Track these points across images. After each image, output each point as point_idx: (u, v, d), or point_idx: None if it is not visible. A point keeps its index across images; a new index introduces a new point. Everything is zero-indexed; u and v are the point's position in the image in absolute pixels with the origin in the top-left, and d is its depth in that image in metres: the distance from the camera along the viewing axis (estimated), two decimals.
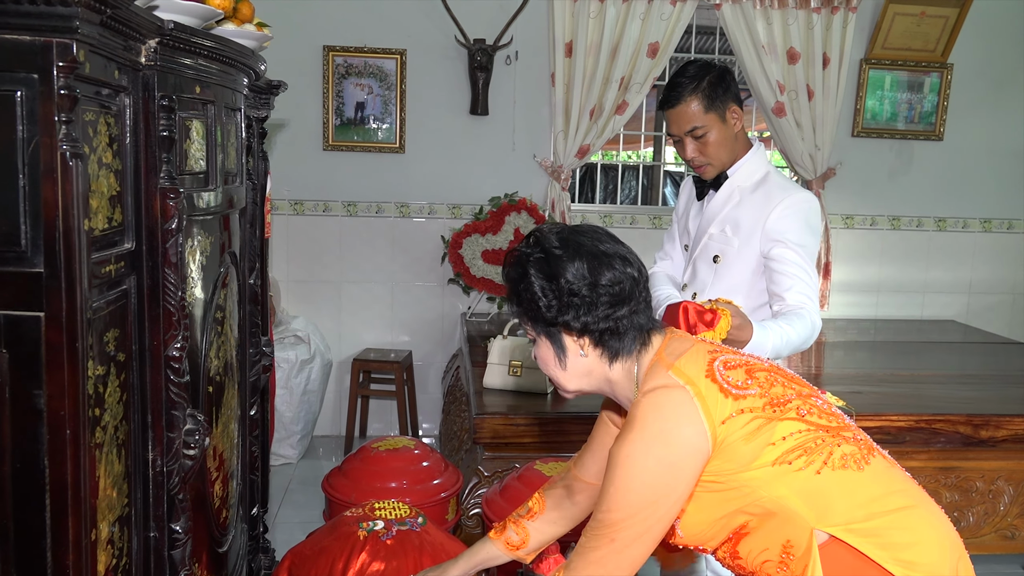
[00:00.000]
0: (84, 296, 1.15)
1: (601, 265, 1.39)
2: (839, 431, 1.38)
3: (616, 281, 1.39)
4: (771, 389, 1.37)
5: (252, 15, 1.96)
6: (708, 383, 1.35)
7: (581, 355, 1.43)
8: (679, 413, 1.33)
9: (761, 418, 1.34)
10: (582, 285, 1.38)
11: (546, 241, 1.42)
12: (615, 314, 1.39)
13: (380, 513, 2.19)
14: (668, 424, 1.32)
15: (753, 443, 1.33)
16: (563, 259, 1.39)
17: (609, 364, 1.44)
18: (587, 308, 1.38)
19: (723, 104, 2.16)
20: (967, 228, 4.82)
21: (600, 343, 1.42)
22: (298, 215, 4.38)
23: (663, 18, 4.27)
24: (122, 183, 1.35)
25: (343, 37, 4.26)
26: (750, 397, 1.35)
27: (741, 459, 1.33)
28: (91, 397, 1.21)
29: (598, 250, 1.41)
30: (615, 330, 1.41)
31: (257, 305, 2.22)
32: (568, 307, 1.39)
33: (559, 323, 1.41)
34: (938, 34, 4.50)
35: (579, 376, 1.46)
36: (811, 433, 1.35)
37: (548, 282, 1.39)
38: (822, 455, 1.33)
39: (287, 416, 4.05)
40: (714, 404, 1.33)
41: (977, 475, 2.95)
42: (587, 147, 4.34)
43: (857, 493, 1.33)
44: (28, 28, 1.06)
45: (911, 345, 4.28)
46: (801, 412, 1.36)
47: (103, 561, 1.29)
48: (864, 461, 1.36)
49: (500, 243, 4.22)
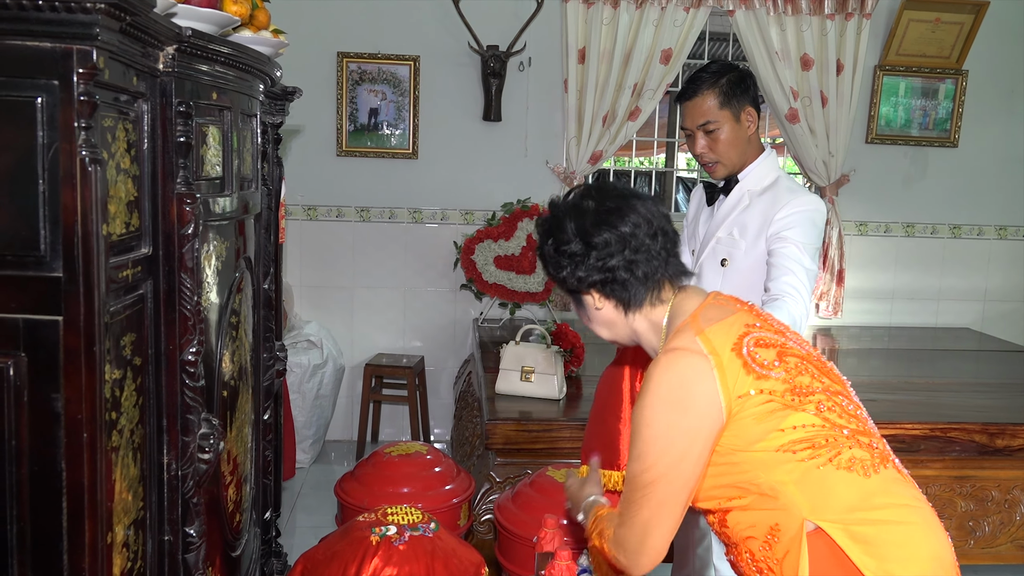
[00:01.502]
0: (102, 300, 1.16)
1: (597, 220, 1.45)
2: (856, 434, 1.37)
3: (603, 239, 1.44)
4: (798, 377, 1.37)
5: (268, 22, 1.98)
6: (732, 357, 1.36)
7: (597, 308, 1.50)
8: (694, 379, 1.35)
9: (778, 403, 1.35)
10: (574, 242, 1.45)
11: (554, 208, 1.52)
12: (607, 264, 1.44)
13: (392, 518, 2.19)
14: (681, 391, 1.35)
15: (762, 425, 1.34)
16: (563, 220, 1.48)
17: (625, 314, 1.49)
18: (578, 264, 1.45)
19: (739, 104, 2.16)
20: (982, 235, 4.79)
21: (608, 294, 1.48)
22: (312, 220, 4.40)
23: (676, 24, 4.26)
24: (139, 188, 1.36)
25: (357, 44, 4.28)
26: (772, 380, 1.35)
27: (747, 437, 1.35)
28: (108, 401, 1.22)
29: (599, 208, 1.47)
30: (614, 280, 1.46)
31: (271, 310, 2.23)
32: (562, 265, 1.47)
33: (561, 280, 1.50)
34: (953, 41, 4.48)
35: (604, 326, 1.54)
36: (824, 430, 1.35)
37: (551, 243, 1.49)
38: (829, 453, 1.34)
39: (300, 421, 4.06)
40: (733, 378, 1.35)
41: (993, 484, 2.93)
42: (600, 153, 4.34)
43: (856, 496, 1.33)
44: (49, 35, 1.08)
45: (925, 353, 4.25)
46: (821, 407, 1.36)
47: (118, 564, 1.30)
48: (873, 469, 1.35)
49: (512, 249, 4.22)
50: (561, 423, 2.90)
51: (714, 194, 2.31)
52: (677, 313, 1.47)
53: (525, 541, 2.40)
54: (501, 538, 2.56)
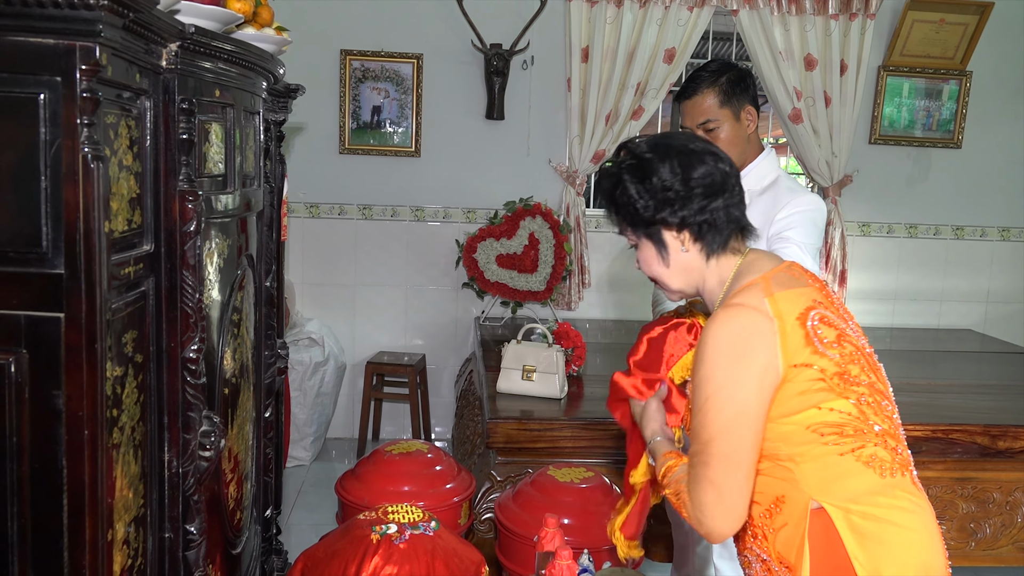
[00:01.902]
0: (103, 297, 1.16)
1: (692, 160, 1.43)
2: (884, 435, 1.38)
3: (708, 173, 1.42)
4: (849, 364, 1.37)
5: (271, 19, 1.98)
6: (796, 325, 1.35)
7: (683, 251, 1.46)
8: (755, 336, 1.34)
9: (824, 383, 1.35)
10: (675, 180, 1.41)
11: (636, 149, 1.47)
12: (710, 205, 1.42)
13: (393, 517, 2.19)
14: (743, 345, 1.34)
15: (804, 399, 1.34)
16: (654, 160, 1.43)
17: (706, 260, 1.46)
18: (682, 202, 1.42)
19: (739, 103, 2.16)
20: (985, 236, 4.78)
21: (700, 236, 1.45)
22: (314, 218, 4.40)
23: (680, 24, 4.26)
24: (142, 185, 1.36)
25: (360, 41, 4.27)
26: (827, 359, 1.35)
27: (784, 408, 1.35)
28: (109, 398, 1.22)
29: (687, 148, 1.45)
30: (712, 222, 1.43)
31: (273, 307, 2.23)
32: (664, 203, 1.42)
33: (657, 221, 1.44)
34: (957, 41, 4.47)
35: (681, 272, 1.48)
36: (856, 421, 1.35)
37: (642, 184, 1.43)
38: (853, 444, 1.34)
39: (300, 418, 4.06)
40: (794, 346, 1.34)
41: (994, 486, 2.92)
42: (603, 152, 4.33)
43: (865, 490, 1.34)
44: (52, 31, 1.07)
45: (928, 354, 4.25)
46: (862, 400, 1.37)
47: (119, 561, 1.30)
48: (890, 473, 1.36)
49: (514, 248, 4.21)
50: (562, 422, 2.90)
51: None
52: (747, 270, 1.45)
53: (526, 540, 2.40)
54: (502, 537, 2.56)
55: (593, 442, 2.88)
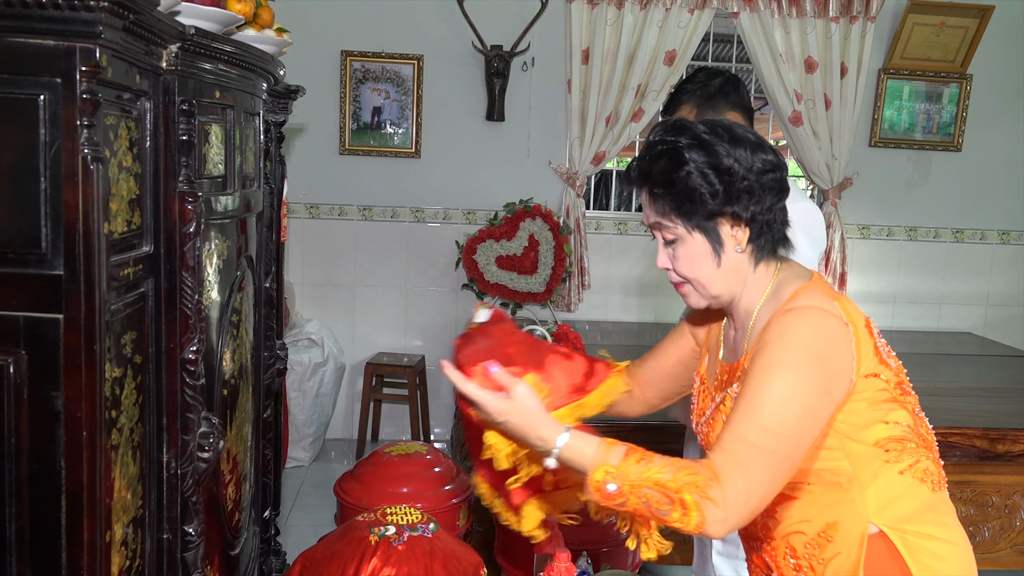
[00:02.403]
0: (102, 299, 1.16)
1: (760, 148, 1.30)
2: (932, 446, 1.36)
3: (777, 166, 1.31)
4: (902, 373, 1.34)
5: (272, 20, 1.98)
6: (866, 333, 1.29)
7: (737, 250, 1.32)
8: (838, 340, 1.25)
9: (889, 393, 1.30)
10: (748, 171, 1.28)
11: (693, 127, 1.31)
12: (778, 204, 1.32)
13: (392, 518, 2.19)
14: (828, 347, 1.24)
15: (873, 411, 1.28)
16: (720, 143, 1.28)
17: (754, 265, 1.35)
18: (757, 197, 1.29)
19: (716, 111, 2.11)
20: (985, 240, 4.78)
21: (757, 237, 1.33)
22: (314, 219, 4.40)
23: (680, 26, 4.26)
24: (141, 187, 1.36)
25: (361, 42, 4.28)
26: (890, 369, 1.31)
27: (856, 422, 1.28)
28: (108, 399, 1.22)
29: (751, 135, 1.32)
30: (771, 223, 1.33)
31: (272, 308, 2.23)
32: (739, 194, 1.27)
33: (724, 213, 1.29)
34: (957, 44, 4.47)
35: (728, 275, 1.34)
36: (912, 433, 1.32)
37: (712, 169, 1.27)
38: (910, 458, 1.30)
39: (300, 419, 4.06)
40: (866, 354, 1.28)
41: (993, 489, 2.92)
42: (603, 154, 4.33)
43: (918, 507, 1.31)
44: (52, 33, 1.07)
45: (927, 357, 4.24)
46: (915, 410, 1.34)
47: (117, 563, 1.29)
48: (939, 486, 1.35)
49: (514, 249, 4.21)
50: None
51: None
52: (788, 277, 1.35)
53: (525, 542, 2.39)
54: (500, 539, 2.56)
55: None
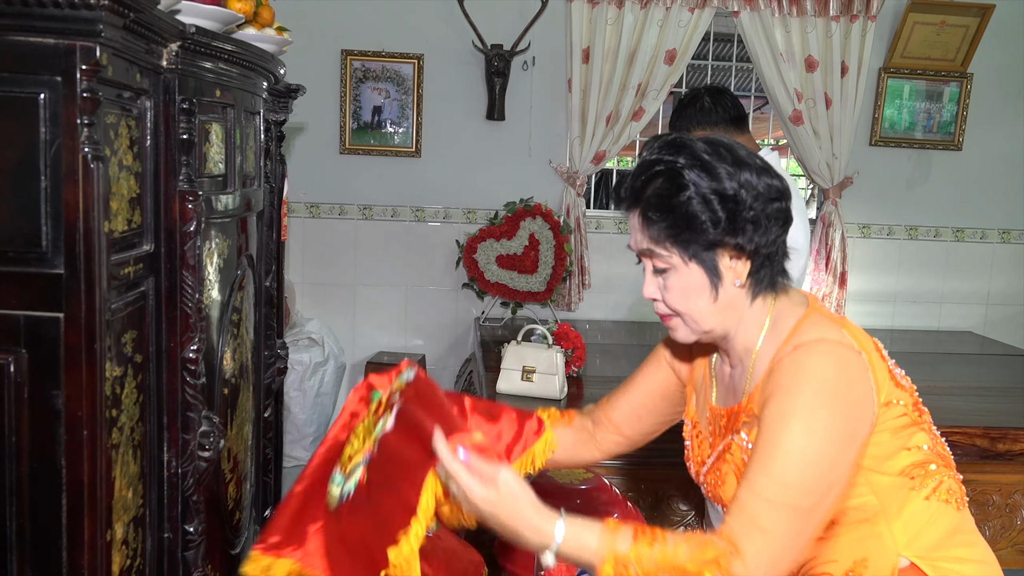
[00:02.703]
0: (103, 297, 1.16)
1: (766, 174, 1.20)
2: (950, 462, 1.29)
3: (783, 193, 1.20)
4: (915, 393, 1.27)
5: (272, 19, 1.97)
6: (878, 358, 1.22)
7: (736, 284, 1.22)
8: (857, 376, 1.15)
9: (909, 417, 1.23)
10: (754, 199, 1.17)
11: (694, 147, 1.19)
12: (782, 236, 1.22)
13: None
14: (848, 387, 1.14)
15: (896, 439, 1.22)
16: (724, 166, 1.17)
17: (751, 299, 1.24)
18: (763, 228, 1.18)
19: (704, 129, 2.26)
20: (985, 239, 4.78)
21: (758, 271, 1.22)
22: (314, 218, 4.40)
23: (681, 25, 4.26)
24: (142, 185, 1.35)
25: (361, 41, 4.27)
26: (905, 391, 1.25)
27: (880, 453, 1.21)
28: (108, 398, 1.22)
29: (755, 158, 1.21)
30: (773, 256, 1.23)
31: (273, 308, 2.22)
32: (744, 225, 1.17)
33: (725, 243, 1.18)
34: (958, 43, 4.47)
35: (723, 310, 1.23)
36: (933, 455, 1.25)
37: (715, 194, 1.16)
38: (934, 481, 1.24)
39: (300, 418, 4.06)
40: (882, 382, 1.20)
41: (994, 488, 2.92)
42: (603, 153, 4.33)
43: (946, 531, 1.25)
44: (52, 31, 1.07)
45: (927, 356, 4.24)
46: (934, 430, 1.27)
47: (117, 562, 1.29)
48: (962, 502, 1.28)
49: (515, 248, 4.21)
50: None
51: None
52: (785, 306, 1.26)
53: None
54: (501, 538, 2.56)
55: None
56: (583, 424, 1.55)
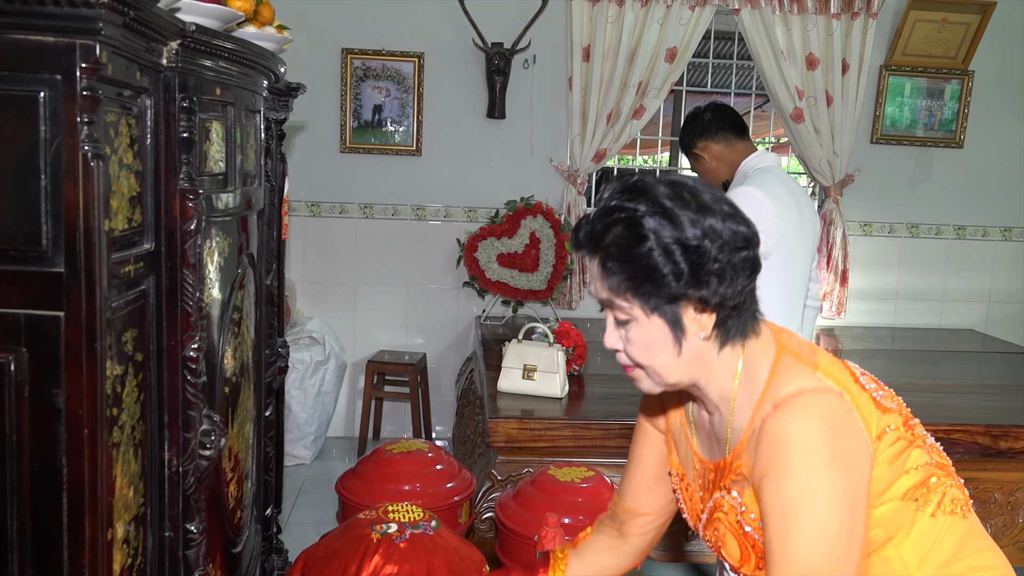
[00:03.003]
0: (103, 296, 1.16)
1: (734, 220, 1.12)
2: (949, 469, 1.24)
3: (750, 241, 1.13)
4: (902, 407, 1.22)
5: (272, 18, 1.97)
6: (859, 390, 1.16)
7: (701, 336, 1.15)
8: (847, 425, 1.11)
9: (904, 439, 1.18)
10: (718, 248, 1.10)
11: (654, 191, 1.11)
12: (750, 286, 1.14)
13: (393, 516, 2.19)
14: (841, 440, 1.09)
15: (893, 466, 1.16)
16: (687, 213, 1.10)
17: (719, 349, 1.18)
18: (729, 278, 1.10)
19: (686, 148, 2.57)
20: (987, 236, 4.78)
21: (724, 322, 1.16)
22: (315, 217, 4.39)
23: (681, 23, 4.25)
24: (142, 184, 1.35)
25: (361, 40, 4.27)
26: (892, 413, 1.18)
27: (880, 484, 1.16)
28: (109, 397, 1.21)
29: (720, 203, 1.13)
30: (742, 306, 1.16)
31: (273, 306, 2.22)
32: (707, 276, 1.09)
33: (688, 296, 1.11)
34: (959, 41, 4.46)
35: (688, 363, 1.17)
36: (930, 468, 1.20)
37: (678, 245, 1.09)
38: (937, 495, 1.19)
39: (301, 417, 4.06)
40: (869, 416, 1.15)
41: (996, 486, 2.92)
42: (604, 151, 4.33)
43: (956, 542, 1.21)
44: (52, 29, 1.07)
45: (929, 354, 4.24)
46: (927, 441, 1.22)
47: (119, 560, 1.29)
48: (967, 508, 1.23)
49: (516, 247, 4.21)
50: (563, 422, 2.90)
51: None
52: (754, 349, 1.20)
53: (526, 539, 2.40)
54: (502, 536, 2.56)
55: (594, 441, 2.88)
56: (606, 528, 1.51)
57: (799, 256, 2.34)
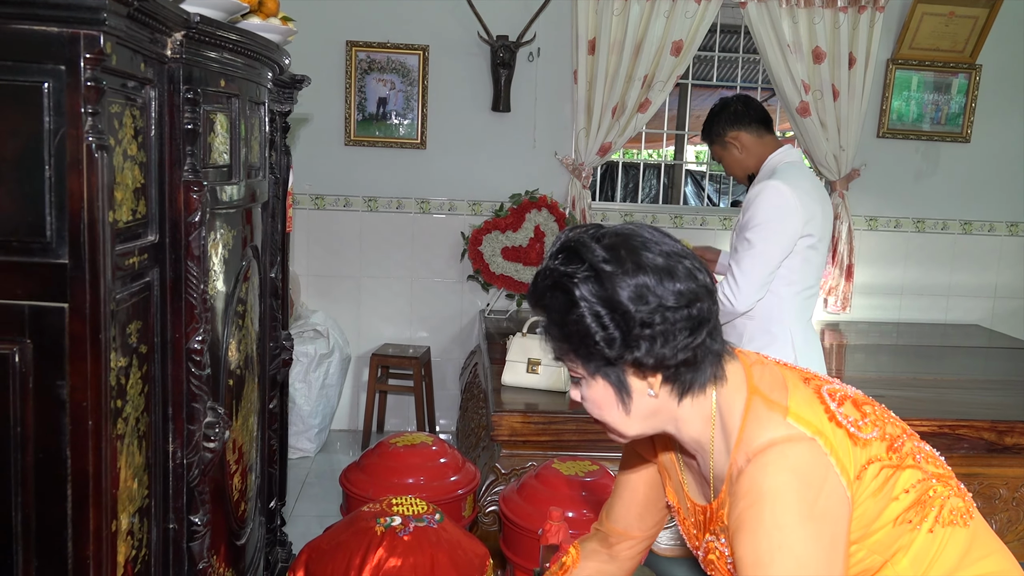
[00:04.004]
0: (107, 288, 1.15)
1: (670, 278, 1.08)
2: (947, 479, 1.20)
3: (692, 297, 1.08)
4: (886, 427, 1.17)
5: (277, 9, 1.97)
6: (834, 428, 1.11)
7: (650, 395, 1.13)
8: (819, 474, 1.07)
9: (888, 467, 1.13)
10: (651, 310, 1.06)
11: (589, 253, 1.09)
12: (695, 342, 1.09)
13: (397, 509, 2.19)
14: (813, 492, 1.06)
15: (878, 497, 1.12)
16: (619, 276, 1.07)
17: (679, 401, 1.15)
18: (662, 338, 1.07)
19: (718, 138, 2.53)
20: (993, 231, 4.76)
21: (674, 378, 1.12)
22: (319, 210, 4.39)
23: (687, 16, 4.23)
24: (146, 175, 1.35)
25: (366, 32, 4.26)
26: (874, 442, 1.14)
27: (865, 520, 1.12)
28: (113, 388, 1.21)
29: (659, 259, 1.09)
30: (693, 361, 1.11)
31: (278, 299, 2.22)
32: (638, 340, 1.07)
33: (624, 361, 1.09)
34: (967, 35, 4.44)
35: (643, 419, 1.16)
36: (926, 483, 1.16)
37: (607, 309, 1.07)
38: (935, 509, 1.16)
39: (305, 410, 4.06)
40: (846, 456, 1.10)
41: (1001, 482, 2.91)
42: (609, 145, 4.32)
43: (959, 552, 1.18)
44: (56, 20, 1.07)
45: (934, 349, 4.23)
46: (917, 458, 1.18)
47: (123, 552, 1.29)
48: (969, 515, 1.19)
49: (520, 240, 4.20)
50: (567, 415, 2.89)
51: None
52: (725, 394, 1.16)
53: (530, 533, 2.40)
54: (506, 530, 2.56)
55: (598, 435, 2.87)
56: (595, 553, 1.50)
57: (820, 248, 2.40)
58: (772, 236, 2.28)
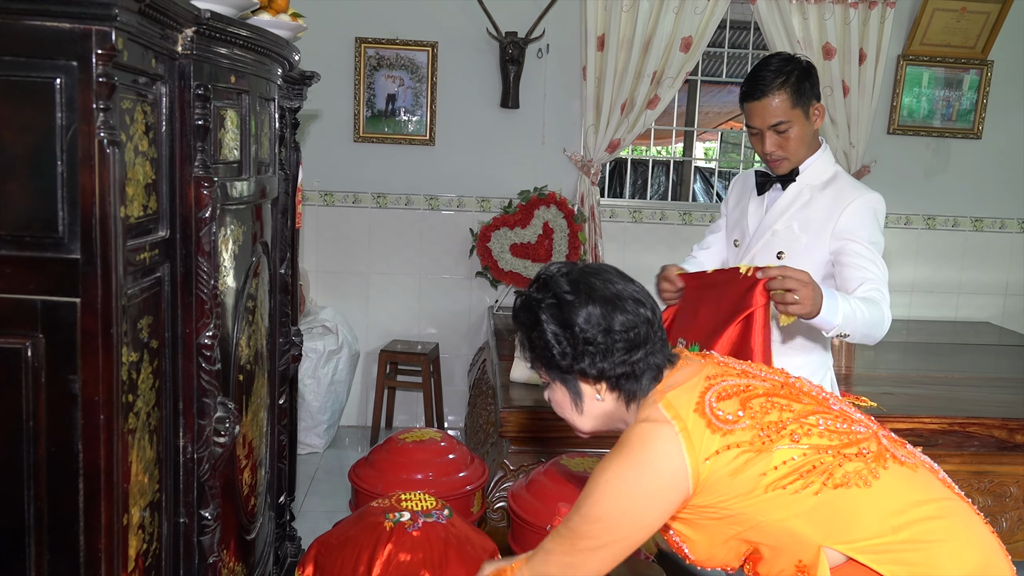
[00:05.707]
0: (119, 283, 1.16)
1: (615, 309, 1.38)
2: (840, 449, 1.33)
3: (631, 325, 1.38)
4: (764, 418, 1.34)
5: (287, 5, 1.97)
6: (696, 418, 1.33)
7: (598, 399, 1.44)
8: (661, 450, 1.32)
9: (749, 452, 1.31)
10: (597, 332, 1.37)
11: (556, 285, 1.41)
12: (631, 359, 1.38)
13: (406, 504, 2.19)
14: (649, 457, 1.32)
15: (742, 476, 1.31)
16: (575, 304, 1.38)
17: (627, 405, 1.43)
18: (603, 355, 1.37)
19: (808, 100, 2.13)
20: (1004, 229, 4.73)
21: (617, 387, 1.41)
22: (328, 206, 4.40)
23: (697, 12, 4.22)
24: (157, 171, 1.35)
25: (375, 29, 4.26)
26: (739, 431, 1.32)
27: (730, 492, 1.32)
28: (125, 383, 1.22)
29: (611, 292, 1.39)
30: (631, 374, 1.40)
31: (287, 295, 2.23)
32: (583, 354, 1.38)
33: (575, 370, 1.40)
34: (978, 30, 4.41)
35: (595, 418, 1.47)
36: (808, 457, 1.31)
37: (562, 329, 1.38)
38: (821, 477, 1.30)
39: (314, 406, 4.07)
40: (699, 440, 1.32)
41: (1011, 480, 2.90)
42: (618, 141, 4.31)
43: (866, 511, 1.30)
44: (68, 16, 1.07)
45: (945, 347, 4.21)
46: (796, 437, 1.33)
47: (134, 546, 1.30)
48: (873, 475, 1.31)
49: (529, 237, 4.20)
50: None
51: (766, 184, 2.25)
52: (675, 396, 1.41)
53: (538, 529, 2.40)
54: (514, 526, 2.56)
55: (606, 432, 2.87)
56: None
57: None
58: (882, 248, 2.09)
